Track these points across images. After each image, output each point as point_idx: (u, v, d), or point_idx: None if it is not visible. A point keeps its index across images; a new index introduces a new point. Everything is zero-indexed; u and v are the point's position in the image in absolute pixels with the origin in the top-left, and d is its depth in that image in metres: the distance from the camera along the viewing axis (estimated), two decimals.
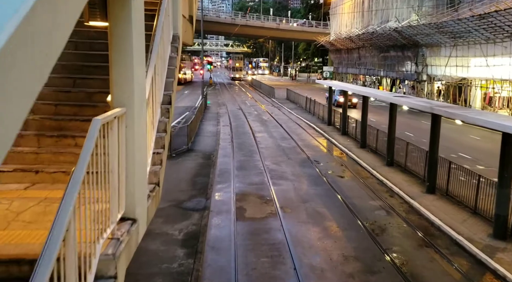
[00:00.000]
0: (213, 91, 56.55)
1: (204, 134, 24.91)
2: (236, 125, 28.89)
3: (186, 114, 33.36)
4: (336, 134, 25.03)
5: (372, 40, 49.73)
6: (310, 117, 32.76)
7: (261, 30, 72.98)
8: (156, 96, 6.61)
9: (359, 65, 56.35)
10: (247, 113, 34.72)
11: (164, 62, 7.63)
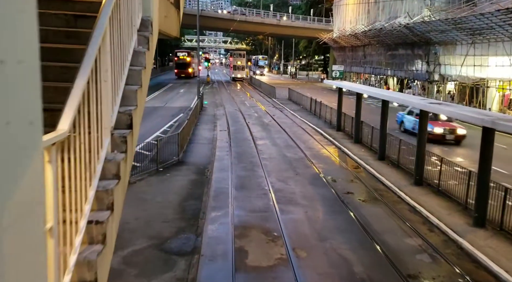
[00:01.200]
0: (210, 90, 53.41)
1: (199, 141, 21.83)
2: (235, 129, 25.82)
3: (180, 116, 30.28)
4: (347, 142, 21.99)
5: (379, 37, 46.68)
6: (315, 120, 29.70)
7: (261, 27, 69.83)
8: (102, 116, 3.61)
9: (364, 64, 53.30)
10: (246, 116, 31.64)
11: (122, 60, 4.57)
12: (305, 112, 33.71)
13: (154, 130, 24.57)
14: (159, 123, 27.44)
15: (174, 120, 28.67)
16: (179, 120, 28.21)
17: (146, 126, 26.19)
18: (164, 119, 28.92)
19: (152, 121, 28.19)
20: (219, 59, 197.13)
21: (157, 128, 25.47)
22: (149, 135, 23.11)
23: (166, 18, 8.28)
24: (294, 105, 38.39)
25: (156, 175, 15.39)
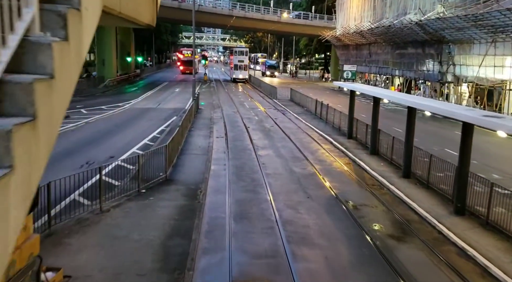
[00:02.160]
0: (207, 89, 50.42)
1: (192, 151, 18.86)
2: (234, 136, 22.87)
3: (172, 119, 27.32)
4: (363, 154, 19.07)
5: (386, 35, 43.76)
6: (322, 125, 26.77)
7: (260, 23, 66.78)
8: None
9: (369, 63, 50.39)
10: (246, 119, 28.68)
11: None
12: (309, 116, 30.76)
13: (142, 137, 21.61)
14: (149, 127, 24.46)
15: (166, 124, 25.69)
16: (171, 124, 25.26)
17: (134, 131, 23.27)
18: (155, 123, 25.94)
19: (141, 126, 25.21)
20: (217, 57, 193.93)
21: (146, 133, 22.50)
22: (136, 143, 20.17)
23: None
24: (297, 107, 35.45)
25: (137, 200, 12.42)
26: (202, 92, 46.03)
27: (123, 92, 44.83)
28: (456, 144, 20.58)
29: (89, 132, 22.68)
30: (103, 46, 48.60)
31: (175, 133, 17.12)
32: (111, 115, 28.84)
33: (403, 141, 17.14)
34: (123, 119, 27.43)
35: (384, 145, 18.58)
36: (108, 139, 21.16)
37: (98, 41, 49.38)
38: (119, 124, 25.32)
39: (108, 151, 18.49)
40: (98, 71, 49.96)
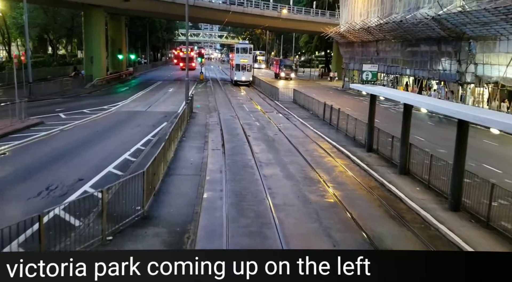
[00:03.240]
0: (203, 89, 46.76)
1: (181, 170, 15.25)
2: (232, 148, 19.28)
3: (162, 126, 23.73)
4: (390, 173, 15.52)
5: (397, 32, 40.19)
6: (334, 133, 23.21)
7: (259, 19, 62.99)
8: None
9: (377, 61, 46.79)
10: (246, 125, 25.08)
11: None
12: (317, 121, 27.17)
13: (123, 149, 18.00)
14: (134, 137, 20.84)
15: (153, 132, 22.06)
16: (160, 132, 21.65)
17: (115, 142, 19.64)
18: (141, 131, 22.31)
19: (125, 135, 21.57)
20: (215, 55, 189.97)
21: (128, 145, 18.88)
22: (115, 158, 16.56)
23: None
24: (301, 111, 31.85)
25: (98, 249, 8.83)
26: (197, 93, 42.44)
27: (112, 93, 41.10)
28: (491, 156, 16.95)
29: (62, 143, 19.02)
30: (91, 43, 44.80)
31: (158, 151, 13.47)
32: (93, 120, 25.16)
33: (442, 158, 13.69)
34: (105, 125, 23.76)
35: (416, 163, 15.06)
36: (83, 153, 17.52)
37: (85, 37, 45.65)
38: (99, 133, 21.65)
39: (79, 170, 14.88)
40: (86, 69, 46.19)
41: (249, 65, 51.64)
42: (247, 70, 51.47)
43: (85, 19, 45.30)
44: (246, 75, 51.45)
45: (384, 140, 18.01)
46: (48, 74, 48.55)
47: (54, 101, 32.71)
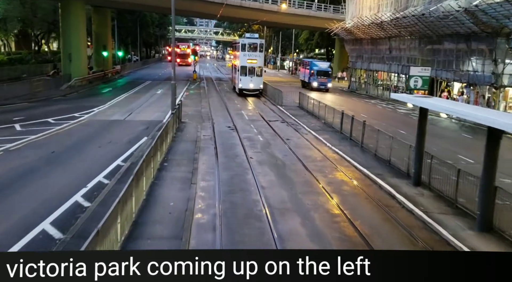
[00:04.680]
0: (196, 91, 41.37)
1: (152, 230, 9.85)
2: (230, 180, 14.03)
3: (140, 143, 18.43)
4: (465, 229, 10.35)
5: (415, 27, 35.01)
6: (358, 153, 17.98)
7: (257, 13, 57.51)
8: None
9: (389, 60, 41.64)
10: (246, 141, 19.84)
11: None
12: (333, 134, 21.96)
13: (78, 185, 12.74)
14: (99, 161, 15.58)
15: (127, 153, 16.79)
16: (136, 153, 16.37)
17: (70, 170, 14.31)
18: (112, 151, 17.04)
19: (88, 157, 16.26)
20: (210, 52, 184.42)
21: (89, 175, 13.64)
22: (62, 201, 11.29)
23: None
24: (311, 119, 26.61)
25: None
26: (189, 96, 37.15)
27: (91, 95, 35.63)
28: None
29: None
30: (69, 38, 39.22)
31: (117, 202, 8.20)
32: (54, 134, 19.82)
33: None
34: (67, 143, 18.41)
35: (503, 212, 9.95)
36: (17, 192, 12.21)
37: (63, 32, 40.06)
38: (54, 156, 16.27)
39: (1, 224, 9.67)
40: (63, 68, 40.60)
41: (259, 68, 36.66)
42: (257, 75, 36.61)
43: (62, 11, 39.71)
44: (255, 81, 36.70)
45: (439, 170, 12.86)
46: (24, 73, 42.93)
47: (15, 107, 27.22)
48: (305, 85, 46.93)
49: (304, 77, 48.46)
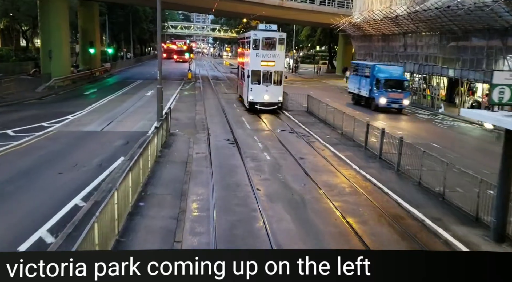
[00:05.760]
0: (190, 92, 37.00)
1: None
2: (231, 229, 9.75)
3: (115, 166, 14.16)
4: None
5: (437, 21, 30.76)
6: (397, 182, 13.72)
7: (257, 8, 53.16)
8: None
9: (403, 58, 37.41)
10: (250, 161, 15.55)
11: None
12: (356, 150, 17.67)
13: (12, 240, 8.45)
14: (54, 195, 11.34)
15: (95, 182, 12.52)
16: (105, 185, 12.08)
17: (6, 215, 10.06)
18: (74, 180, 12.74)
19: (42, 190, 11.93)
20: (207, 49, 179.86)
21: (29, 225, 9.38)
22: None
23: None
24: (324, 128, 22.31)
25: None
26: (182, 98, 32.83)
27: (71, 98, 31.18)
28: None
29: None
30: (49, 32, 34.74)
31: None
32: (7, 153, 15.46)
33: None
34: (21, 166, 14.06)
35: None
36: None
37: (42, 26, 35.56)
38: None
39: None
40: (43, 66, 36.11)
41: (278, 73, 26.04)
42: (275, 83, 25.80)
43: (40, 3, 35.17)
44: (272, 92, 25.79)
45: None
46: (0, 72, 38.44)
47: None
48: (359, 100, 31.42)
49: (358, 88, 31.76)
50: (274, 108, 26.17)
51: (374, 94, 29.18)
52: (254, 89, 25.81)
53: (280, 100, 26.29)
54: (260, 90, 25.74)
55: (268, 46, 25.90)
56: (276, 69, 25.87)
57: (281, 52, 26.01)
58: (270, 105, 26.05)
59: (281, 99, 26.29)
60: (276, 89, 25.92)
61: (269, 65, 25.67)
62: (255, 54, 25.62)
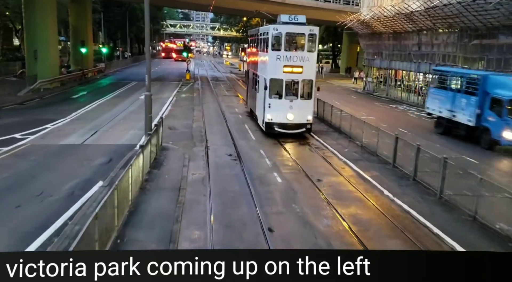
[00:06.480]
0: (188, 95, 34.04)
1: None
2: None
3: (90, 195, 11.16)
4: None
5: (457, 18, 27.80)
6: (446, 217, 10.79)
7: (258, 5, 49.96)
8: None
9: (418, 58, 34.44)
10: (259, 185, 12.59)
11: None
12: (381, 167, 14.73)
13: None
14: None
15: (60, 221, 9.57)
16: (70, 228, 9.15)
17: None
18: (36, 217, 9.86)
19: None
20: (207, 48, 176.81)
21: None
22: None
23: None
24: (339, 137, 19.31)
25: None
26: (178, 101, 29.89)
27: (56, 102, 28.11)
28: None
29: None
30: (35, 30, 31.71)
31: None
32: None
33: None
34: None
35: None
36: None
37: (26, 22, 32.49)
38: None
39: None
40: (28, 67, 33.06)
41: (307, 83, 19.34)
42: (303, 97, 19.31)
43: None
44: (299, 109, 19.18)
45: None
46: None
47: None
48: (452, 129, 20.77)
49: (449, 111, 20.92)
50: (300, 131, 19.23)
51: (488, 123, 18.41)
52: (274, 106, 18.94)
53: (310, 120, 19.27)
54: (281, 106, 18.86)
55: (293, 46, 19.14)
56: (304, 78, 18.93)
57: (312, 53, 18.93)
58: (295, 127, 19.03)
59: (310, 118, 19.32)
60: (304, 105, 19.02)
61: (295, 72, 18.79)
62: (276, 57, 18.72)
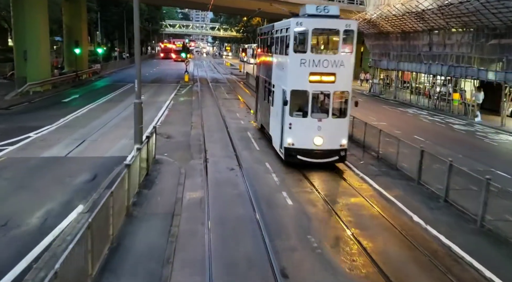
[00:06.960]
0: (186, 98, 32.08)
1: None
2: None
3: (67, 224, 9.18)
4: None
5: (474, 16, 25.89)
6: (501, 258, 8.93)
7: (260, 3, 48.19)
8: None
9: (429, 59, 32.52)
10: (266, 208, 10.69)
11: None
12: (405, 183, 12.86)
13: None
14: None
15: (22, 264, 7.60)
16: (34, 273, 7.21)
17: None
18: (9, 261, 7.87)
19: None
20: (206, 48, 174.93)
21: None
22: None
23: None
24: (352, 147, 17.31)
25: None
26: (176, 105, 27.97)
27: (45, 107, 26.16)
28: None
29: None
30: (24, 29, 29.79)
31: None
32: None
33: None
34: None
35: None
36: None
37: (15, 21, 30.55)
38: None
39: None
40: (17, 69, 31.12)
41: (341, 96, 14.32)
42: (336, 114, 14.34)
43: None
44: (331, 130, 14.09)
45: None
46: None
47: None
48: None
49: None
50: (332, 160, 14.27)
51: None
52: (296, 126, 14.08)
53: (344, 145, 14.26)
54: (306, 127, 13.99)
55: (323, 46, 14.74)
56: (338, 89, 14.03)
57: (348, 56, 13.90)
58: (325, 154, 14.09)
59: (345, 142, 14.29)
60: (337, 126, 14.20)
61: (324, 81, 13.88)
62: (299, 62, 13.72)
